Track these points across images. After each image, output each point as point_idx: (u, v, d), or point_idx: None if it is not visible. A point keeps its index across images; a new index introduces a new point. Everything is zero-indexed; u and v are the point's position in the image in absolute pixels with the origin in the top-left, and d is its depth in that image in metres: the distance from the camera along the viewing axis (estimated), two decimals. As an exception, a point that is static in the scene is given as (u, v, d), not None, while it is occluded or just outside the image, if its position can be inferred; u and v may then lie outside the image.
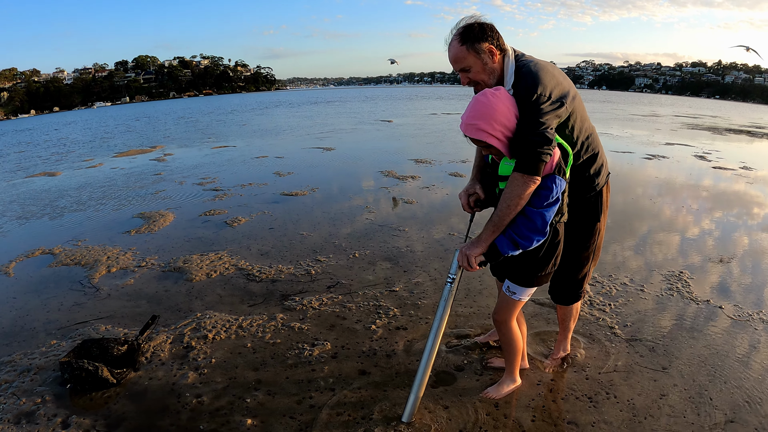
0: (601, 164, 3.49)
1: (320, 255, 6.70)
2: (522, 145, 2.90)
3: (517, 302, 3.34)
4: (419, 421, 3.44)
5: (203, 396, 3.74)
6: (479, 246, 3.07)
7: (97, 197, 10.70)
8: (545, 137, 2.86)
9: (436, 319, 3.34)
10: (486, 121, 2.91)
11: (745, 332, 4.71)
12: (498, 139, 2.94)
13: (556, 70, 3.09)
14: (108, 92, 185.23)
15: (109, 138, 26.05)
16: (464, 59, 3.07)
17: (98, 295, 5.54)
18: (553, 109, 2.93)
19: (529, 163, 2.88)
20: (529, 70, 2.98)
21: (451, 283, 3.28)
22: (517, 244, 3.02)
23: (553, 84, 2.97)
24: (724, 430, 3.41)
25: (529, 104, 2.91)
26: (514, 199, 2.94)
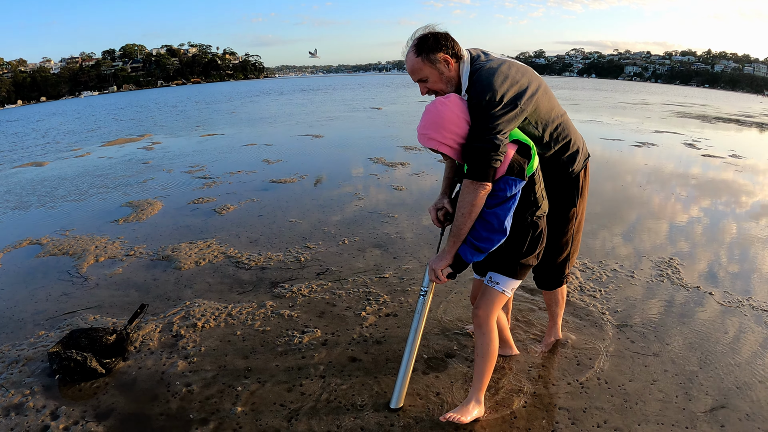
0: (575, 150, 3.44)
1: (309, 242, 6.69)
2: (470, 151, 2.89)
3: (500, 294, 3.22)
4: (411, 408, 3.44)
5: (193, 384, 3.72)
6: (444, 259, 3.07)
7: (84, 187, 10.62)
8: (493, 143, 2.82)
9: (411, 331, 3.37)
10: (435, 129, 2.92)
11: (735, 318, 4.74)
12: (449, 146, 2.94)
13: (513, 69, 3.03)
14: (95, 81, 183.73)
15: (96, 127, 25.85)
16: (420, 70, 3.07)
17: (86, 285, 5.51)
18: (504, 113, 2.88)
19: (478, 169, 2.87)
20: (480, 76, 2.96)
21: (424, 296, 3.31)
22: (479, 248, 2.98)
23: (506, 87, 2.92)
24: (714, 415, 3.42)
25: (479, 110, 2.88)
26: (467, 206, 2.92)
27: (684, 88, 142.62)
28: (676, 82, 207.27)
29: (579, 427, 3.31)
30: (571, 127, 3.44)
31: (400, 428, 3.28)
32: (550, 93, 3.25)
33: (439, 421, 3.30)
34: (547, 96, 3.21)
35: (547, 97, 3.21)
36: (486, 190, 2.88)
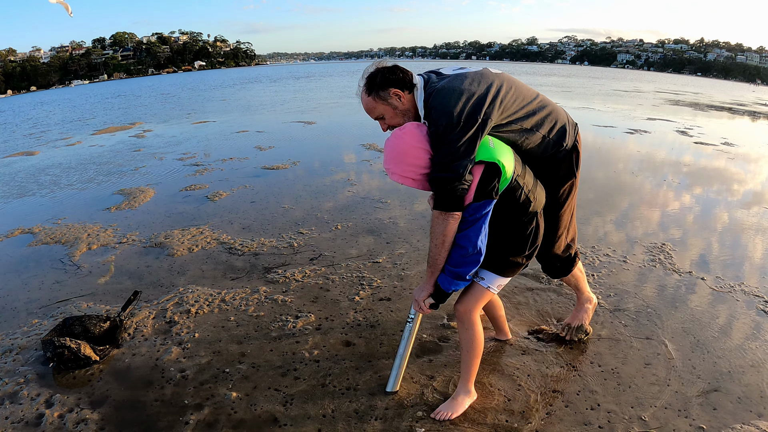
0: (562, 126, 3.29)
1: (302, 228, 6.69)
2: (434, 182, 2.83)
3: (485, 291, 3.17)
4: (404, 391, 3.46)
5: (187, 371, 3.72)
6: (424, 290, 3.06)
7: (76, 175, 10.57)
8: (456, 172, 2.74)
9: (397, 357, 3.42)
10: (395, 164, 2.88)
11: (727, 303, 4.77)
12: (412, 179, 2.89)
13: (467, 81, 2.91)
14: (86, 70, 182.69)
15: (87, 116, 25.67)
16: (375, 108, 3.05)
17: (79, 273, 5.49)
18: (463, 134, 2.77)
19: (444, 200, 2.82)
20: (434, 101, 2.88)
21: (410, 323, 3.31)
22: (458, 275, 2.95)
23: (461, 104, 2.79)
24: (707, 398, 3.45)
25: (437, 138, 2.80)
26: (439, 237, 2.88)
27: (677, 76, 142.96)
28: (668, 70, 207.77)
29: (572, 410, 3.33)
30: (551, 104, 3.31)
31: (394, 411, 3.30)
32: (516, 83, 3.14)
33: (431, 404, 3.33)
34: (514, 88, 3.08)
35: (514, 88, 3.08)
36: (456, 218, 2.84)
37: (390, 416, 3.26)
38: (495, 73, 3.06)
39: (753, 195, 8.74)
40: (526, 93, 3.15)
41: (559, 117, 3.28)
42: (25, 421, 3.26)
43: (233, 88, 44.75)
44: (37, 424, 3.23)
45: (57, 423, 3.24)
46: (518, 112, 3.05)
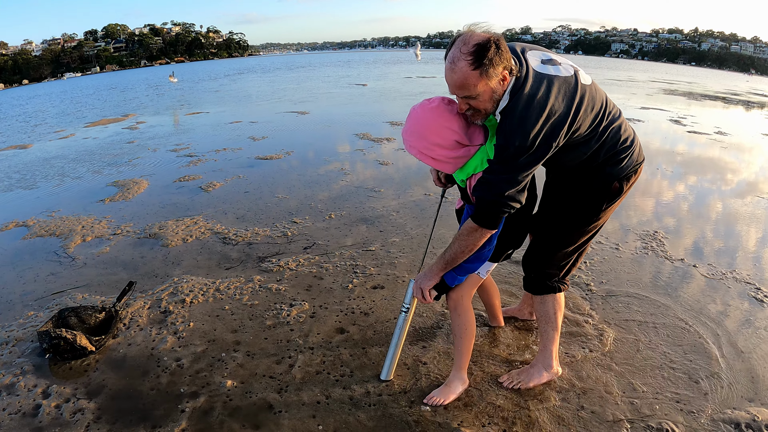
0: (622, 149, 2.90)
1: (296, 217, 6.71)
2: (482, 202, 2.70)
3: (474, 276, 3.18)
4: (398, 377, 3.50)
5: (183, 359, 3.75)
6: (431, 279, 3.02)
7: (69, 168, 10.54)
8: (512, 199, 2.65)
9: (391, 346, 3.41)
10: (417, 137, 2.76)
11: (719, 291, 4.81)
12: (432, 158, 2.78)
13: (552, 93, 2.60)
14: (78, 63, 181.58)
15: (80, 108, 25.54)
16: (474, 86, 2.55)
17: (74, 265, 5.50)
18: (531, 160, 2.59)
19: (487, 217, 2.72)
20: (515, 106, 2.57)
21: (405, 313, 3.28)
22: (467, 270, 3.01)
23: (539, 125, 2.54)
24: (698, 384, 3.49)
25: (504, 154, 2.60)
26: (469, 246, 2.82)
27: (671, 65, 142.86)
28: (662, 59, 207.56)
29: (565, 395, 3.37)
30: (624, 124, 2.95)
31: (389, 398, 3.33)
32: (595, 95, 2.80)
33: (425, 391, 3.37)
34: (592, 103, 2.75)
35: (592, 104, 2.75)
36: (491, 233, 2.79)
37: (384, 402, 3.29)
38: (584, 84, 2.76)
39: (746, 184, 8.78)
40: (603, 106, 2.84)
41: (626, 139, 2.93)
42: (22, 413, 3.27)
43: (226, 79, 44.59)
44: (34, 415, 3.25)
45: (54, 413, 3.26)
46: (589, 131, 2.78)
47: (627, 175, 2.97)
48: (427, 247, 3.61)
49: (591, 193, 3.01)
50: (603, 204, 3.02)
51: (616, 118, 2.89)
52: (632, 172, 3.00)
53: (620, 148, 2.88)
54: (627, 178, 2.99)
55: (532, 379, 3.43)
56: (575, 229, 3.12)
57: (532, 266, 3.31)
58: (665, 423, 3.12)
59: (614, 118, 2.88)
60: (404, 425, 3.11)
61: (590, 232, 3.16)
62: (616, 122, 2.88)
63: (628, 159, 2.93)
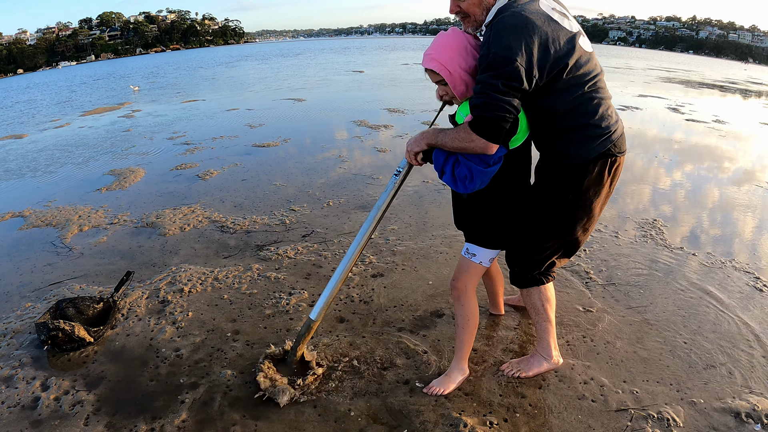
0: (591, 134, 2.78)
1: (294, 205, 6.68)
2: (474, 104, 2.62)
3: (478, 266, 3.15)
4: (399, 367, 3.48)
5: (182, 350, 3.73)
6: (418, 144, 2.91)
7: (65, 157, 10.48)
8: (503, 101, 2.55)
9: (375, 207, 3.19)
10: (443, 50, 2.78)
11: (718, 279, 4.80)
12: (449, 72, 2.76)
13: (542, 19, 2.59)
14: (73, 51, 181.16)
15: (75, 97, 25.43)
16: None
17: (71, 255, 5.47)
18: (513, 71, 2.51)
19: (481, 124, 2.61)
20: (502, 21, 2.56)
21: (396, 176, 3.14)
22: (442, 174, 2.90)
23: (522, 37, 2.51)
24: (699, 373, 3.48)
25: (485, 61, 2.57)
26: (458, 145, 2.73)
27: (668, 53, 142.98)
28: (660, 47, 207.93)
29: (566, 384, 3.36)
30: (611, 108, 2.88)
31: (389, 387, 3.32)
32: (589, 61, 2.76)
33: (426, 379, 3.36)
34: (583, 61, 2.73)
35: (581, 61, 2.72)
36: (482, 149, 2.67)
37: (384, 391, 3.29)
38: (580, 45, 2.74)
39: (743, 173, 8.77)
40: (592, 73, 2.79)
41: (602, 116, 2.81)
42: (21, 405, 3.25)
43: (222, 67, 44.43)
44: (33, 408, 3.23)
45: (53, 406, 3.24)
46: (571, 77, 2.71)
47: (596, 159, 2.82)
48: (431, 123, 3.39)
49: (555, 180, 2.92)
50: (569, 194, 2.89)
51: (603, 95, 2.81)
52: (603, 158, 2.83)
53: (593, 123, 2.77)
54: (597, 162, 2.83)
55: (533, 367, 3.42)
56: (544, 220, 3.02)
57: (513, 261, 3.27)
58: (666, 412, 3.11)
59: (601, 94, 2.80)
60: (404, 415, 3.10)
61: (567, 225, 3.02)
62: (601, 97, 2.79)
63: (599, 142, 2.79)
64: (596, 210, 3.00)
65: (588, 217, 3.00)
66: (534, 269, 3.20)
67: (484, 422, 3.04)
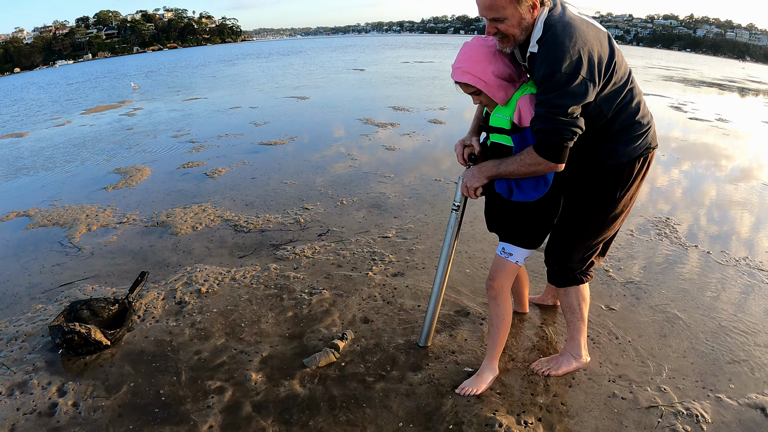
0: (638, 126, 2.80)
1: (307, 203, 6.57)
2: (541, 129, 2.56)
3: (514, 265, 3.10)
4: (427, 369, 3.39)
5: (203, 352, 3.62)
6: (478, 180, 2.88)
7: (68, 155, 10.35)
8: (571, 124, 2.52)
9: (444, 246, 3.28)
10: (473, 62, 2.72)
11: (734, 276, 4.78)
12: (484, 82, 2.72)
13: (588, 27, 2.57)
14: (70, 50, 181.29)
15: (75, 96, 25.27)
16: (503, 8, 2.51)
17: (81, 255, 5.35)
18: (581, 86, 2.48)
19: (550, 149, 2.57)
20: (555, 37, 2.48)
21: (456, 211, 3.18)
22: (512, 192, 2.86)
23: (583, 50, 2.46)
24: (723, 369, 3.46)
25: (550, 81, 2.48)
26: (525, 172, 2.69)
27: (666, 51, 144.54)
28: (658, 45, 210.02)
29: (596, 382, 3.31)
30: (644, 101, 2.89)
31: (420, 388, 3.24)
32: (623, 59, 2.78)
33: (456, 383, 3.27)
34: (622, 59, 2.76)
35: (622, 60, 2.76)
36: (552, 170, 2.67)
37: (416, 393, 3.21)
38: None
39: (750, 171, 8.74)
40: (628, 70, 2.86)
41: (642, 115, 2.86)
42: (38, 412, 3.14)
43: (221, 65, 44.37)
44: (51, 414, 3.12)
45: (72, 412, 3.13)
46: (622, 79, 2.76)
47: (640, 155, 2.85)
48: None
49: (602, 180, 2.91)
50: (616, 192, 2.90)
51: (638, 90, 2.84)
52: (645, 153, 2.87)
53: (637, 121, 2.79)
54: (639, 158, 2.85)
55: (562, 366, 3.38)
56: (591, 220, 3.01)
57: (553, 259, 3.22)
58: (694, 408, 3.11)
59: (637, 90, 2.83)
60: (439, 416, 3.02)
61: (610, 223, 3.03)
62: (638, 93, 2.83)
63: (643, 139, 2.83)
64: (633, 203, 3.06)
65: (627, 211, 3.05)
66: (576, 269, 3.16)
67: (519, 421, 3.00)
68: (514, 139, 2.78)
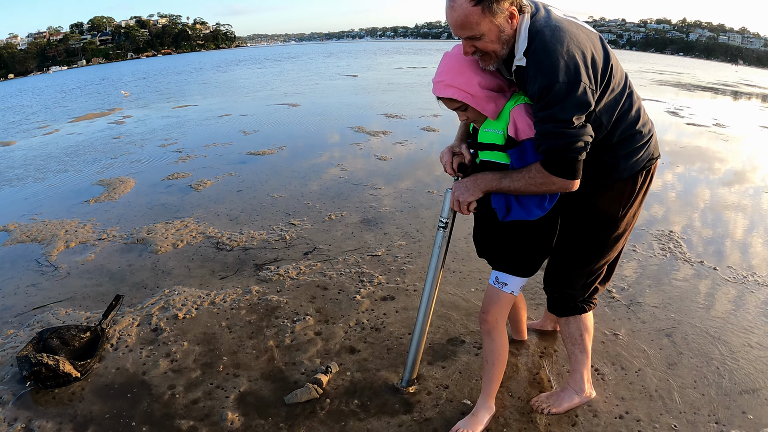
0: (638, 137, 2.60)
1: (293, 218, 6.36)
2: (549, 147, 2.33)
3: (509, 296, 2.83)
4: (418, 404, 3.17)
5: (177, 387, 3.39)
6: (473, 193, 2.60)
7: (53, 166, 10.12)
8: (580, 135, 2.30)
9: (430, 269, 2.98)
10: (455, 74, 2.47)
11: (743, 294, 4.60)
12: (471, 94, 2.46)
13: (578, 29, 2.37)
14: (64, 56, 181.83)
15: (65, 103, 25.07)
16: (477, 24, 2.29)
17: (57, 275, 5.12)
18: (584, 95, 2.25)
19: (560, 166, 2.36)
20: (545, 45, 2.26)
21: (444, 228, 2.87)
22: (510, 209, 2.60)
23: (578, 54, 2.26)
24: (736, 401, 3.26)
25: (550, 93, 2.25)
26: (533, 190, 2.45)
27: (659, 56, 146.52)
28: (651, 49, 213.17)
29: (601, 419, 3.09)
30: (644, 108, 2.67)
31: (408, 428, 3.00)
32: (618, 62, 2.55)
33: (450, 422, 3.04)
34: (618, 63, 2.54)
35: (618, 64, 2.54)
36: (566, 189, 2.44)
37: (406, 435, 2.97)
38: None
39: (757, 179, 8.61)
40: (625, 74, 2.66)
41: (643, 124, 2.65)
42: (-1, 452, 2.92)
43: (213, 71, 44.21)
44: (13, 455, 2.90)
45: (35, 454, 2.90)
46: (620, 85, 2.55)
47: (642, 168, 2.63)
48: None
49: (603, 198, 2.68)
50: (618, 210, 2.68)
51: (637, 96, 2.62)
52: (648, 165, 2.65)
53: (638, 130, 2.57)
54: (642, 171, 2.64)
55: (563, 402, 3.14)
56: (592, 242, 2.78)
57: (554, 286, 2.99)
58: None
59: (635, 96, 2.61)
60: (430, 463, 2.79)
61: (613, 244, 2.80)
62: (637, 99, 2.61)
63: (645, 150, 2.61)
64: (636, 220, 2.84)
65: (630, 229, 2.83)
66: (578, 296, 2.93)
67: (517, 466, 2.76)
68: (512, 155, 2.52)
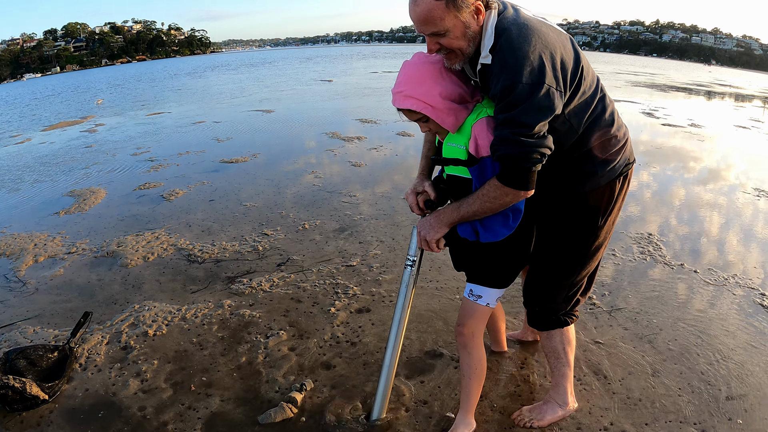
0: (614, 149, 2.53)
1: (267, 228, 6.26)
2: (505, 154, 2.24)
3: (485, 309, 2.76)
4: (396, 422, 3.08)
5: (147, 407, 3.28)
6: (438, 230, 2.56)
7: (23, 176, 9.92)
8: (539, 144, 2.21)
9: (397, 308, 2.88)
10: (416, 83, 2.38)
11: (725, 298, 4.60)
12: (431, 106, 2.37)
13: (548, 28, 2.29)
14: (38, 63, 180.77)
15: (38, 111, 24.74)
16: (441, 20, 2.20)
17: (25, 291, 4.98)
18: (547, 98, 2.16)
19: (516, 176, 2.27)
20: (511, 42, 2.17)
21: (411, 266, 2.80)
22: (479, 234, 2.55)
23: (546, 54, 2.17)
24: (723, 407, 3.23)
25: (511, 93, 2.15)
26: (493, 208, 2.38)
27: (633, 57, 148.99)
28: (624, 51, 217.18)
29: None
30: (617, 112, 2.62)
31: (387, 448, 2.92)
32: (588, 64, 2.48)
33: (428, 437, 2.95)
34: (588, 65, 2.47)
35: (588, 65, 2.47)
36: (521, 198, 2.36)
37: (382, 455, 2.89)
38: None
39: (733, 178, 8.75)
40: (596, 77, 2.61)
41: (618, 128, 2.59)
42: (-39, 482, 2.82)
43: (188, 78, 43.94)
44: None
45: (0, 482, 2.80)
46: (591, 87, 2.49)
47: (620, 173, 2.57)
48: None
49: (580, 207, 2.60)
50: (597, 219, 2.60)
51: (610, 99, 2.57)
52: (624, 170, 2.59)
53: (612, 134, 2.51)
54: (619, 177, 2.57)
55: (546, 416, 3.07)
56: (571, 254, 2.70)
57: (534, 301, 2.91)
58: None
59: (608, 98, 2.57)
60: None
61: (593, 254, 2.72)
62: (609, 102, 2.56)
63: (621, 155, 2.55)
64: (614, 227, 2.77)
65: (609, 237, 2.76)
66: (560, 310, 2.86)
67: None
68: (473, 173, 2.46)
